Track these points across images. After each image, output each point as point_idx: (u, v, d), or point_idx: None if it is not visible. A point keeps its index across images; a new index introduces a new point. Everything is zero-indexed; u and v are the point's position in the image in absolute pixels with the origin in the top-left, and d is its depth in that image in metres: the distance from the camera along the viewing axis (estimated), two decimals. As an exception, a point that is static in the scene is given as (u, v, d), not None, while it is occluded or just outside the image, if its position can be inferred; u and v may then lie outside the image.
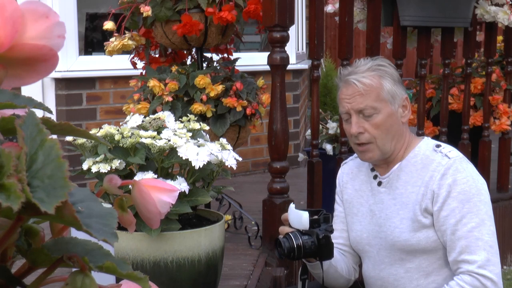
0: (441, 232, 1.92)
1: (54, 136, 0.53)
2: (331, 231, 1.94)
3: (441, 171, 1.93)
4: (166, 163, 1.89)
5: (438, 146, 2.01)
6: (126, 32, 2.79)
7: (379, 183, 2.08)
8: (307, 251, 1.90)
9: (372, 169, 2.12)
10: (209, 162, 1.89)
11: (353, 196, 2.16)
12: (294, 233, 1.91)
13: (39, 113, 0.56)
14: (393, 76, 2.01)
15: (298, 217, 1.92)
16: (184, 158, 1.84)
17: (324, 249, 1.92)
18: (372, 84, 1.96)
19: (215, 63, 2.94)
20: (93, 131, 1.92)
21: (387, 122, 1.97)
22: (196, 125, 2.01)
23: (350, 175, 2.19)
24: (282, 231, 1.97)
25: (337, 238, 2.13)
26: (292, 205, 1.96)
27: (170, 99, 2.68)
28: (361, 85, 1.95)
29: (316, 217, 1.93)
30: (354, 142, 2.02)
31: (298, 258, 1.93)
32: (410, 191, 1.99)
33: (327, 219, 1.95)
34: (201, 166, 1.85)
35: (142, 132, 1.89)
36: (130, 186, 0.67)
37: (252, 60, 4.40)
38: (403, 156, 2.03)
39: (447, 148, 2.00)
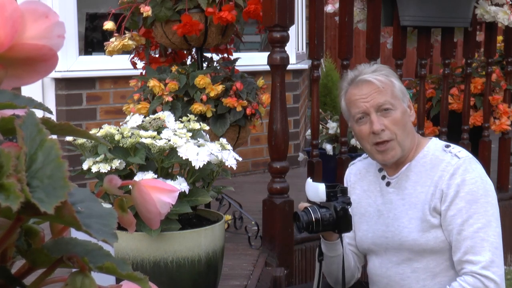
0: (448, 231, 1.92)
1: (54, 136, 0.53)
2: (349, 203, 1.95)
3: (450, 170, 1.93)
4: (166, 163, 1.89)
5: (447, 146, 2.01)
6: (126, 32, 2.79)
7: (388, 184, 2.08)
8: (325, 223, 1.92)
9: (380, 170, 2.11)
10: (209, 162, 1.89)
11: (361, 196, 2.16)
12: (313, 206, 1.94)
13: (39, 113, 0.56)
14: (398, 77, 2.07)
15: (315, 189, 1.95)
16: (184, 158, 1.84)
17: (342, 221, 1.94)
18: (386, 82, 1.99)
19: (215, 63, 2.94)
20: (93, 131, 1.92)
21: (403, 118, 1.98)
22: (196, 125, 2.00)
23: (358, 175, 2.19)
24: (300, 207, 1.98)
25: (343, 237, 2.14)
26: (309, 179, 1.98)
27: (170, 99, 2.68)
28: (378, 82, 1.97)
29: (333, 189, 1.95)
30: (373, 142, 1.98)
31: (317, 231, 1.95)
32: (420, 191, 1.99)
33: (344, 192, 1.97)
34: (201, 166, 1.85)
35: (142, 132, 1.89)
36: (130, 187, 0.67)
37: (252, 60, 4.39)
38: (413, 156, 2.03)
39: (456, 148, 2.00)
